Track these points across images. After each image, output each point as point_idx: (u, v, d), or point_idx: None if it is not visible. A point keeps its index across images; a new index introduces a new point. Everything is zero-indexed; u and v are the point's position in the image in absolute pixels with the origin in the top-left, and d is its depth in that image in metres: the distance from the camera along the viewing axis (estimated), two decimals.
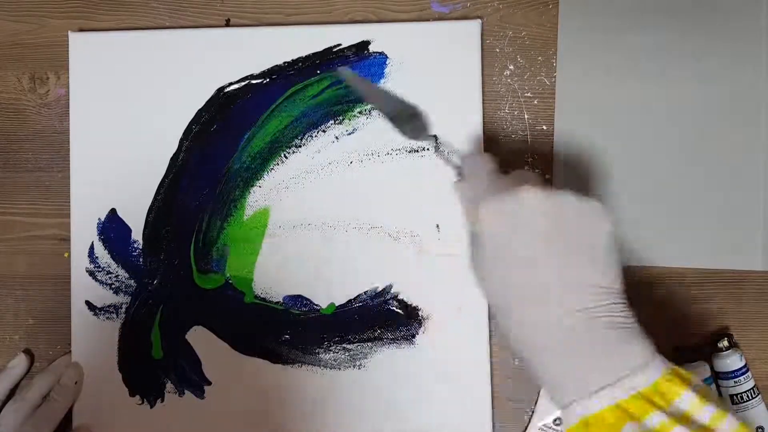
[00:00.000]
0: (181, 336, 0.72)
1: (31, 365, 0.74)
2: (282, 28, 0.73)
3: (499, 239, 0.55)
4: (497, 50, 0.73)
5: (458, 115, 0.71)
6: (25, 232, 0.75)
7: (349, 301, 0.71)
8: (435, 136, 0.71)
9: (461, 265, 0.71)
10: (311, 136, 0.72)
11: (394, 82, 0.72)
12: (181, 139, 0.72)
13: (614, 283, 0.54)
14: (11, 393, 0.71)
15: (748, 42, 0.71)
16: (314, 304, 0.72)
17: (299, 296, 0.72)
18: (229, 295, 0.72)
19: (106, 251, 0.72)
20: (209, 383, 0.72)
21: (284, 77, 0.72)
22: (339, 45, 0.72)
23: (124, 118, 0.73)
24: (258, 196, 0.72)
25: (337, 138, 0.72)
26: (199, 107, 0.72)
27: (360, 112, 0.72)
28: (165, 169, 0.72)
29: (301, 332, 0.72)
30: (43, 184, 0.75)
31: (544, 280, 0.53)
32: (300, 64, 0.72)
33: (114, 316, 0.72)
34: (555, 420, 0.70)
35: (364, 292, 0.71)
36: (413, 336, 0.71)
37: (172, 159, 0.72)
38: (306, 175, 0.72)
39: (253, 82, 0.72)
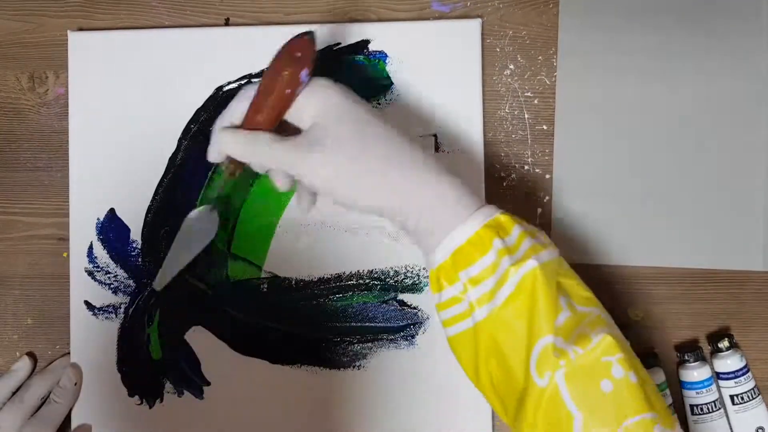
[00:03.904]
0: (180, 336, 0.72)
1: (34, 368, 0.74)
2: (281, 27, 0.73)
3: (330, 129, 0.57)
4: (497, 49, 0.73)
5: (458, 114, 0.71)
6: (24, 232, 0.75)
7: (349, 301, 0.71)
8: (435, 135, 0.71)
9: None
10: None
11: (395, 81, 0.71)
12: (179, 138, 0.72)
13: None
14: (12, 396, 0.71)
15: (748, 42, 0.71)
16: (314, 304, 0.71)
17: (299, 297, 0.72)
18: (228, 296, 0.72)
19: (105, 251, 0.72)
20: (208, 383, 0.72)
21: None
22: (339, 44, 0.72)
23: (123, 118, 0.73)
24: (257, 197, 0.72)
25: None
26: (198, 106, 0.72)
27: None
28: (164, 168, 0.72)
29: (302, 332, 0.71)
30: (42, 184, 0.75)
31: (376, 150, 0.57)
32: None
33: (113, 316, 0.72)
34: None
35: (364, 293, 0.71)
36: (413, 336, 0.71)
37: (171, 158, 0.72)
38: None
39: (253, 81, 0.72)
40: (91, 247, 0.72)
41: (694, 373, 0.69)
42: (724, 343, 0.69)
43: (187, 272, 0.71)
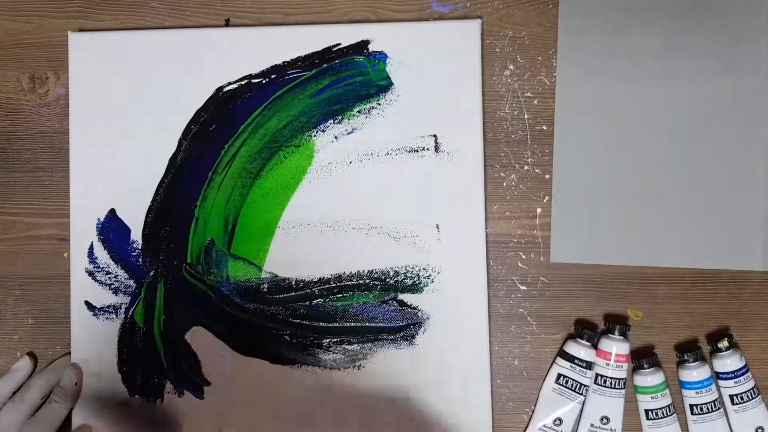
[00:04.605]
0: (180, 336, 0.72)
1: (35, 368, 0.74)
2: (281, 27, 0.73)
3: None
4: (497, 50, 0.73)
5: (458, 115, 0.71)
6: (24, 232, 0.75)
7: (349, 301, 0.71)
8: (435, 135, 0.71)
9: (460, 266, 0.71)
10: (310, 136, 0.72)
11: (395, 81, 0.72)
12: (180, 139, 0.72)
13: None
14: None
15: (748, 42, 0.71)
16: (314, 304, 0.72)
17: (299, 297, 0.72)
18: (229, 296, 0.72)
19: (106, 251, 0.72)
20: (208, 384, 0.72)
21: (283, 77, 0.72)
22: (339, 44, 0.72)
23: (123, 118, 0.73)
24: (257, 197, 0.72)
25: (336, 138, 0.72)
26: (198, 107, 0.72)
27: (359, 112, 0.72)
28: (164, 169, 0.72)
29: (301, 333, 0.72)
30: (42, 184, 0.75)
31: None
32: (299, 63, 0.72)
33: (113, 316, 0.72)
34: (555, 420, 0.70)
35: (364, 293, 0.71)
36: (413, 336, 0.71)
37: (171, 159, 0.72)
38: (305, 176, 0.72)
39: (253, 81, 0.72)
40: (91, 248, 0.73)
41: (694, 373, 0.69)
42: (724, 343, 0.69)
43: (188, 273, 0.72)
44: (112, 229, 0.73)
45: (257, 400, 0.71)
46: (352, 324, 0.71)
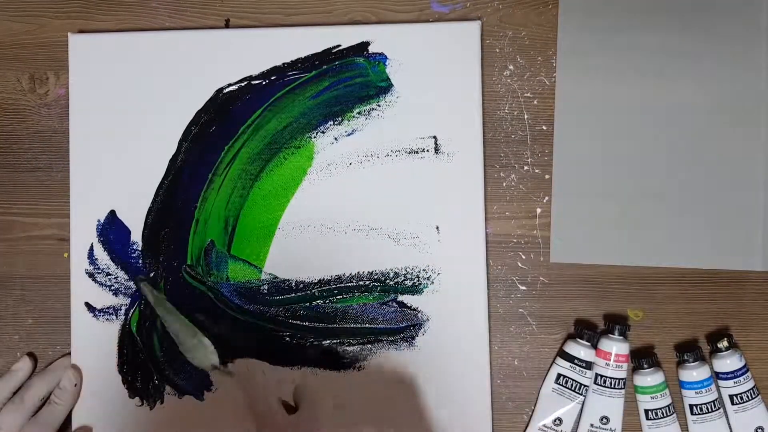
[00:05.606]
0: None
1: (35, 369, 0.74)
2: (281, 29, 0.73)
3: None
4: (497, 50, 0.73)
5: (458, 115, 0.71)
6: (24, 233, 0.75)
7: (349, 302, 0.71)
8: (435, 137, 0.71)
9: (460, 266, 0.71)
10: (310, 138, 0.72)
11: (395, 83, 0.72)
12: (180, 140, 0.72)
13: None
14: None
15: (748, 42, 0.71)
16: (314, 305, 0.72)
17: (299, 298, 0.72)
18: (229, 298, 0.72)
19: (106, 253, 0.72)
20: (209, 385, 0.72)
21: (283, 78, 0.72)
22: (339, 46, 0.72)
23: (123, 119, 0.73)
24: (257, 198, 0.72)
25: (336, 139, 0.72)
26: (198, 108, 0.72)
27: (359, 113, 0.72)
28: (164, 170, 0.72)
29: (301, 334, 0.72)
30: (42, 185, 0.75)
31: None
32: (299, 65, 0.72)
33: (113, 317, 0.72)
34: (555, 420, 0.70)
35: (364, 294, 0.71)
36: (413, 338, 0.71)
37: (171, 160, 0.72)
38: (305, 177, 0.72)
39: (253, 83, 0.72)
40: (91, 249, 0.73)
41: (694, 373, 0.69)
42: (724, 343, 0.69)
43: (188, 274, 0.72)
44: (112, 230, 0.73)
45: (257, 402, 0.71)
46: (352, 325, 0.71)
